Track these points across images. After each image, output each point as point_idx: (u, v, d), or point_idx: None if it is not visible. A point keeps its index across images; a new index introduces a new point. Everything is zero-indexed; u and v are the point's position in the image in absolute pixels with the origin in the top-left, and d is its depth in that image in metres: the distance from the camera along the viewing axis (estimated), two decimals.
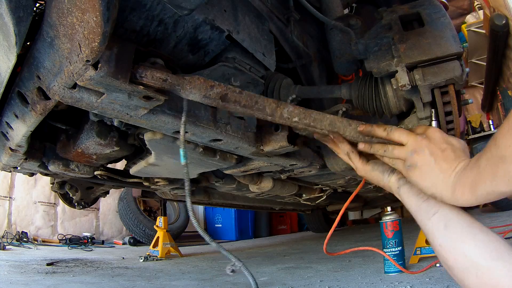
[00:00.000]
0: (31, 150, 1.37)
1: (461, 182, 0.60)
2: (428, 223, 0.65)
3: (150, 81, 0.76)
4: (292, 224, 6.57)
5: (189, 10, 0.77)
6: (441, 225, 0.63)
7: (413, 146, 0.70)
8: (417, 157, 0.68)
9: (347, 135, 0.87)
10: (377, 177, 0.81)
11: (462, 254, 0.59)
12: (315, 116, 0.90)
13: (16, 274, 2.14)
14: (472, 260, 0.57)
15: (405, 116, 1.30)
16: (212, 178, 1.85)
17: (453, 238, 0.60)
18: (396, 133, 0.74)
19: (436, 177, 0.64)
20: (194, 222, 0.85)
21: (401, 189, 0.75)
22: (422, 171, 0.67)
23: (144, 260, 2.91)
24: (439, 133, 0.70)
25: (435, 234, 0.64)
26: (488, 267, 0.55)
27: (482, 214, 4.10)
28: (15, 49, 0.75)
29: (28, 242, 4.08)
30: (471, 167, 0.59)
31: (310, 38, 1.58)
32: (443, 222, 0.63)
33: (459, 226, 0.61)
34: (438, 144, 0.67)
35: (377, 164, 0.82)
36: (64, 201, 2.36)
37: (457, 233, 0.60)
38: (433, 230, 0.64)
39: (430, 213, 0.65)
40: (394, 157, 0.74)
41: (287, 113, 0.89)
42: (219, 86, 0.83)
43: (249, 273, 0.89)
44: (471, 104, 3.58)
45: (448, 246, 0.61)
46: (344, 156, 0.88)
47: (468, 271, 0.57)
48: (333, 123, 0.88)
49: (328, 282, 1.57)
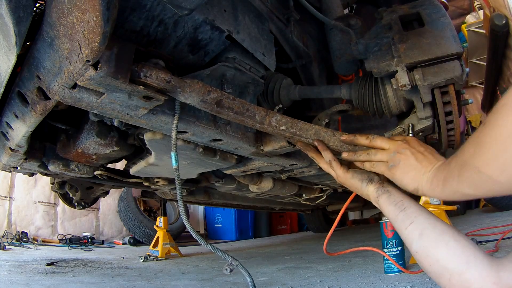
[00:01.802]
0: (31, 150, 1.37)
1: (436, 177, 0.66)
2: (405, 232, 0.70)
3: (154, 81, 0.76)
4: (292, 224, 6.57)
5: (189, 10, 0.77)
6: (416, 234, 0.67)
7: (395, 148, 0.78)
8: (400, 156, 0.76)
9: (331, 145, 0.92)
10: (356, 184, 0.86)
11: (436, 260, 0.63)
12: (301, 126, 0.95)
13: (16, 274, 2.14)
14: (444, 266, 0.62)
15: (405, 116, 1.30)
16: (212, 178, 1.85)
17: (427, 246, 0.65)
18: (378, 140, 0.82)
19: (418, 172, 0.71)
20: (187, 225, 0.87)
21: (380, 199, 0.80)
22: (404, 168, 0.74)
23: (144, 260, 2.91)
24: (417, 140, 0.79)
25: (411, 241, 0.68)
26: (459, 272, 0.60)
27: (482, 214, 4.10)
28: (15, 49, 0.75)
29: (28, 242, 4.08)
30: (445, 166, 0.65)
31: (310, 38, 1.58)
32: (418, 231, 0.67)
33: (433, 234, 0.65)
34: (417, 147, 0.76)
35: (357, 172, 0.87)
36: (64, 201, 2.36)
37: (430, 240, 0.65)
38: (409, 238, 0.69)
39: (406, 223, 0.70)
40: (376, 160, 0.81)
41: (275, 121, 0.94)
42: (215, 91, 0.85)
43: (246, 271, 0.90)
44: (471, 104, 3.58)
45: (423, 252, 0.65)
46: (324, 164, 0.94)
47: (442, 276, 0.62)
48: (318, 133, 0.94)
49: (328, 282, 1.57)
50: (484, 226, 2.77)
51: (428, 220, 0.68)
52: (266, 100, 1.38)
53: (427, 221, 0.68)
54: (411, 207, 0.72)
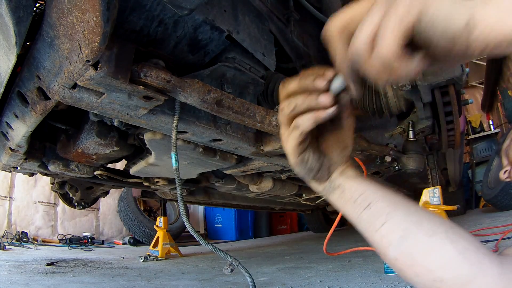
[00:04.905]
0: (31, 150, 1.37)
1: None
2: (376, 235, 0.51)
3: (154, 81, 0.76)
4: (292, 224, 6.57)
5: (189, 10, 0.77)
6: (395, 236, 0.50)
7: None
8: None
9: None
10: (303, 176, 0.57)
11: (427, 270, 0.48)
12: None
13: (16, 274, 2.14)
14: (440, 278, 0.47)
15: (405, 116, 1.30)
16: (212, 178, 1.85)
17: (412, 251, 0.49)
18: None
19: None
20: (188, 225, 0.87)
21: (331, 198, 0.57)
22: None
23: (144, 260, 2.91)
24: None
25: (387, 246, 0.50)
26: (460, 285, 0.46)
27: (482, 214, 4.10)
28: (15, 49, 0.75)
29: (28, 242, 4.08)
30: None
31: (310, 38, 1.58)
32: (398, 232, 0.50)
33: (420, 236, 0.49)
34: None
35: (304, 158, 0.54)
36: (64, 201, 2.36)
37: (417, 244, 0.48)
38: (383, 242, 0.51)
39: (376, 224, 0.51)
40: None
41: (275, 121, 0.93)
42: (216, 91, 0.85)
43: (246, 271, 0.90)
44: (471, 104, 3.58)
45: (406, 260, 0.49)
46: None
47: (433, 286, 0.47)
48: None
49: (328, 282, 1.57)
50: (484, 226, 2.77)
51: (410, 216, 0.50)
52: (266, 100, 1.38)
53: (409, 218, 0.50)
54: (379, 201, 0.52)
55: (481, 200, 5.11)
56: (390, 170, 1.70)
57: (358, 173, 0.55)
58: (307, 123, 0.46)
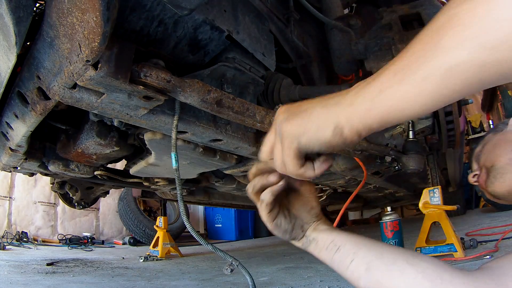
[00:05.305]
0: (31, 150, 1.37)
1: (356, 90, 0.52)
2: (348, 272, 0.60)
3: (154, 81, 0.76)
4: None
5: (189, 10, 0.77)
6: (361, 269, 0.58)
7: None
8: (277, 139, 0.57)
9: None
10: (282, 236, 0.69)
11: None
12: None
13: (16, 274, 2.14)
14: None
15: None
16: (212, 178, 1.85)
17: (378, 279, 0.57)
18: None
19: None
20: (188, 225, 0.87)
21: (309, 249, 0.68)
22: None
23: (144, 260, 2.91)
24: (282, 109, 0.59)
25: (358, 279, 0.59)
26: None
27: (482, 214, 4.10)
28: (15, 49, 0.75)
29: (28, 242, 4.08)
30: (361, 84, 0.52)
31: (310, 38, 1.58)
32: (363, 266, 0.58)
33: (382, 266, 0.57)
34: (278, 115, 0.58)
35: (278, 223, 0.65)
36: (64, 201, 2.36)
37: (381, 272, 0.56)
38: (354, 276, 0.59)
39: (346, 262, 0.61)
40: None
41: None
42: (216, 91, 0.85)
43: (246, 271, 0.90)
44: (471, 104, 3.58)
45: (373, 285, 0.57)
46: None
47: None
48: None
49: (328, 282, 1.57)
50: (484, 226, 2.77)
51: (372, 252, 0.59)
52: (266, 100, 1.38)
53: (371, 253, 0.59)
54: (346, 244, 0.62)
55: (481, 200, 5.11)
56: (390, 170, 1.70)
57: (329, 226, 0.67)
58: (267, 195, 0.59)
